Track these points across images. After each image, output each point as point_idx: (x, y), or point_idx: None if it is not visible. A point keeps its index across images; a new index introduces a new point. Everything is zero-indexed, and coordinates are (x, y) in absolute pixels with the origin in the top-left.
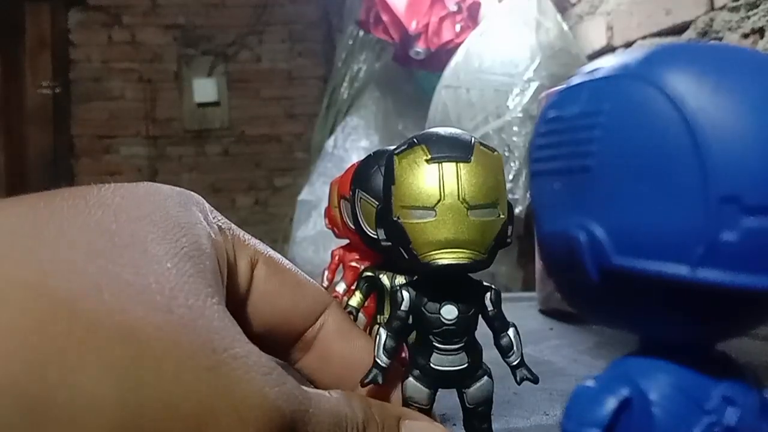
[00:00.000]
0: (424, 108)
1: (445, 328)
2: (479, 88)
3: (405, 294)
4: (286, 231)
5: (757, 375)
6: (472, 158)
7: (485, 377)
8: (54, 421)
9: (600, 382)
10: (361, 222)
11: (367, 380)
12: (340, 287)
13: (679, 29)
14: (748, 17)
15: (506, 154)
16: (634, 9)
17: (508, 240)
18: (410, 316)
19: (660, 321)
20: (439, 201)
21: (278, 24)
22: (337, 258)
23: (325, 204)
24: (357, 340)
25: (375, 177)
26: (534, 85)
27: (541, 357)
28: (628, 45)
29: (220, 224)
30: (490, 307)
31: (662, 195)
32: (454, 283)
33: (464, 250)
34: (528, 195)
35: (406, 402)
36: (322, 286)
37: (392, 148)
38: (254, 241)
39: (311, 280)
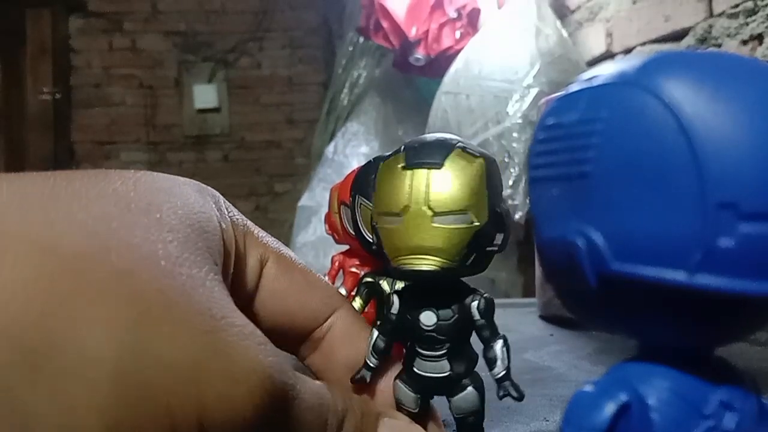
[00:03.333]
0: (424, 114)
1: (425, 334)
2: (479, 94)
3: (395, 298)
4: (287, 236)
5: (755, 380)
6: (445, 164)
7: (469, 388)
8: (53, 368)
9: (599, 388)
10: (361, 228)
11: (356, 378)
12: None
13: (678, 36)
14: (747, 24)
15: (506, 160)
16: (633, 15)
17: (493, 248)
18: (399, 320)
19: (658, 326)
20: (406, 207)
21: (278, 30)
22: (337, 264)
23: (325, 209)
24: (363, 345)
25: (375, 183)
26: (533, 91)
27: (541, 363)
28: (627, 51)
29: (233, 218)
30: (476, 316)
31: (660, 201)
32: (433, 290)
33: (429, 257)
34: (527, 201)
35: (398, 404)
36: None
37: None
38: (269, 239)
39: (324, 280)
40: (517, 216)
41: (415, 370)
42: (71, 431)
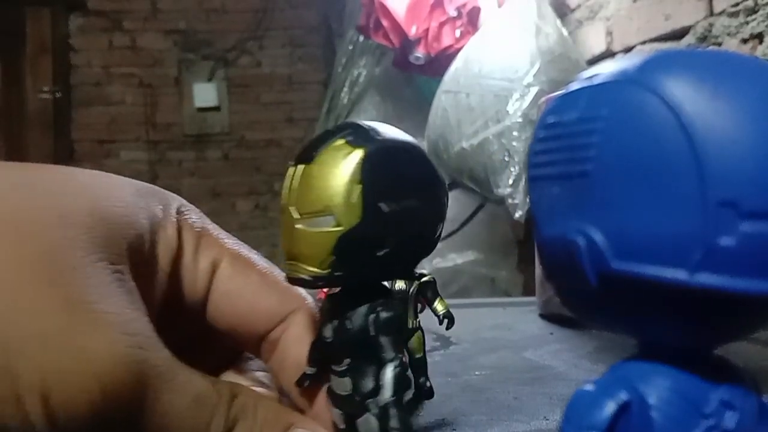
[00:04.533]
0: (424, 113)
1: (328, 346)
2: (479, 93)
3: (326, 304)
4: None
5: (755, 379)
6: (316, 158)
7: (368, 414)
8: None
9: (599, 387)
10: None
11: (296, 382)
12: None
13: (678, 34)
14: (747, 22)
15: (506, 158)
16: (633, 14)
17: (382, 252)
18: None
19: (659, 325)
20: (283, 207)
21: (278, 29)
22: None
23: None
24: None
25: None
26: (534, 90)
27: (541, 361)
28: (627, 50)
29: (187, 220)
30: (371, 332)
31: (660, 200)
32: (337, 299)
33: (297, 263)
34: (527, 200)
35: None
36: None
37: None
38: (228, 241)
39: (288, 283)
40: (517, 215)
41: (330, 384)
42: None
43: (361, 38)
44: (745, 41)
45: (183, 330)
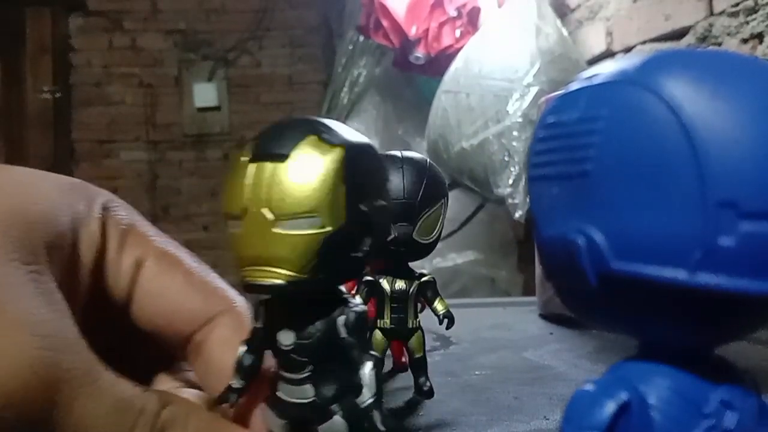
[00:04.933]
0: (424, 113)
1: (284, 354)
2: (479, 93)
3: (262, 309)
4: None
5: (755, 379)
6: (291, 156)
7: (336, 417)
8: None
9: (599, 386)
10: None
11: (220, 399)
12: None
13: (678, 34)
14: (747, 22)
15: (506, 158)
16: (633, 14)
17: (358, 254)
18: (264, 336)
19: (659, 325)
20: (246, 209)
21: (278, 29)
22: None
23: None
24: None
25: None
26: (534, 90)
27: (541, 361)
28: (627, 50)
29: (114, 217)
30: (342, 333)
31: (660, 200)
32: (294, 302)
33: (271, 269)
34: (527, 200)
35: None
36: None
37: (392, 153)
38: (157, 239)
39: (215, 283)
40: (517, 215)
41: (278, 393)
42: None
43: (361, 38)
44: (745, 41)
45: (114, 330)
